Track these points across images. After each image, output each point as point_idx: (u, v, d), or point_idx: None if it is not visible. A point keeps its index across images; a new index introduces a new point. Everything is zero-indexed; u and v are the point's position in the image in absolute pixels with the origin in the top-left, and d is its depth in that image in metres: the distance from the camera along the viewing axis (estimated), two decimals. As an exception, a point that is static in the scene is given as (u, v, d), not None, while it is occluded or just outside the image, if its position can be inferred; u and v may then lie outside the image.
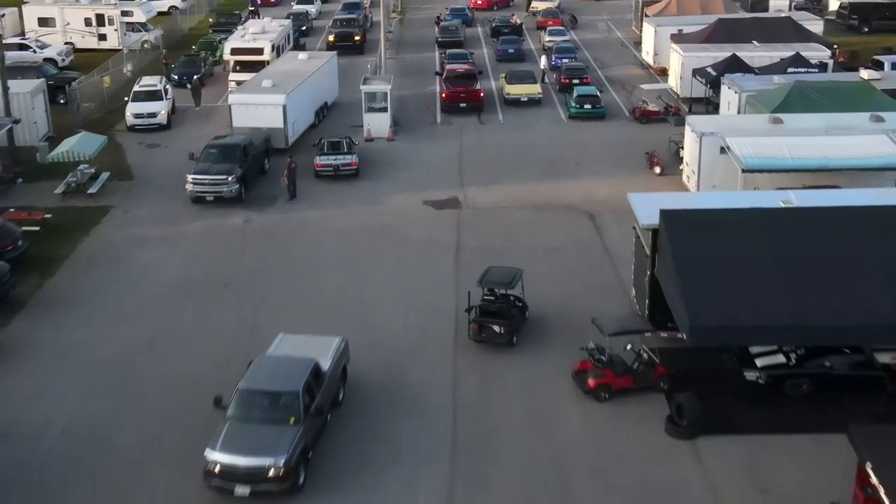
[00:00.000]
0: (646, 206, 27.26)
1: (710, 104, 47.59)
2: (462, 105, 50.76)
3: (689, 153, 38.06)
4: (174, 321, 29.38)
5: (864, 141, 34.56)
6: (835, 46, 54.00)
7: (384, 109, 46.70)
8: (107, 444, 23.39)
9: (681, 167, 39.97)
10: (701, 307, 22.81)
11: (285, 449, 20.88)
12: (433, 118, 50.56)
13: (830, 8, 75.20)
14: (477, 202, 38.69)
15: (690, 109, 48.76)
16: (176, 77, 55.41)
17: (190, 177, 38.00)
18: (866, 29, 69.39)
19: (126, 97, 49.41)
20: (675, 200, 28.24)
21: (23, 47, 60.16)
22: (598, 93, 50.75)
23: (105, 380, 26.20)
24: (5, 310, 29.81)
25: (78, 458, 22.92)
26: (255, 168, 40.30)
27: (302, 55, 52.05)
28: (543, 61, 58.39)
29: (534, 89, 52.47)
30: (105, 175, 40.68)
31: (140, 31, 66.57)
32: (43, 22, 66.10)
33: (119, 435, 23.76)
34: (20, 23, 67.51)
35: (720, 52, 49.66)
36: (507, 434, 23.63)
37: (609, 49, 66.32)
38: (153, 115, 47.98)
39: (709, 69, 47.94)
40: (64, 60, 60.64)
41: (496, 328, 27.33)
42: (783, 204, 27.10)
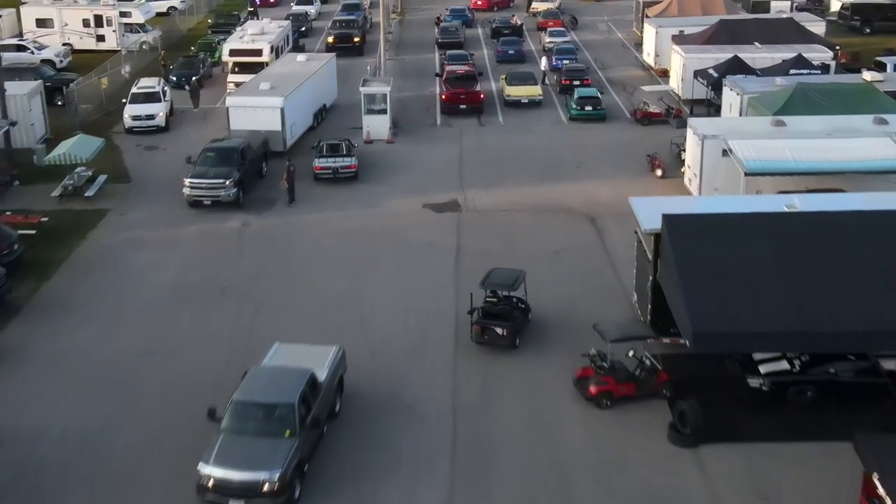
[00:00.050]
0: (648, 211, 27.00)
1: (712, 106, 47.31)
2: (462, 107, 50.50)
3: (691, 156, 37.79)
4: (171, 326, 29.12)
5: (868, 144, 34.31)
6: (837, 48, 53.74)
7: (384, 111, 46.42)
8: (103, 450, 23.15)
9: (682, 170, 39.70)
10: (704, 313, 22.54)
11: (280, 463, 20.50)
12: (433, 120, 50.30)
13: (832, 9, 74.95)
14: (477, 205, 38.43)
15: (692, 111, 48.51)
16: (174, 78, 55.14)
17: (187, 181, 37.68)
18: (868, 30, 69.14)
19: (124, 99, 49.14)
20: (678, 205, 27.91)
21: (21, 48, 59.91)
22: (599, 94, 50.48)
23: (102, 385, 25.95)
24: (1, 314, 29.55)
25: (74, 464, 22.70)
26: (253, 171, 40.02)
27: (301, 57, 51.79)
28: (544, 62, 58.12)
29: (534, 91, 52.20)
30: (102, 178, 40.43)
31: (138, 33, 66.32)
32: (41, 23, 65.80)
33: (116, 440, 23.51)
34: (18, 24, 67.25)
35: (722, 54, 49.42)
36: (508, 441, 23.37)
37: (610, 50, 66.08)
38: (151, 117, 47.68)
39: (710, 71, 47.69)
40: (62, 62, 60.42)
41: (498, 330, 27.14)
42: (787, 208, 26.83)
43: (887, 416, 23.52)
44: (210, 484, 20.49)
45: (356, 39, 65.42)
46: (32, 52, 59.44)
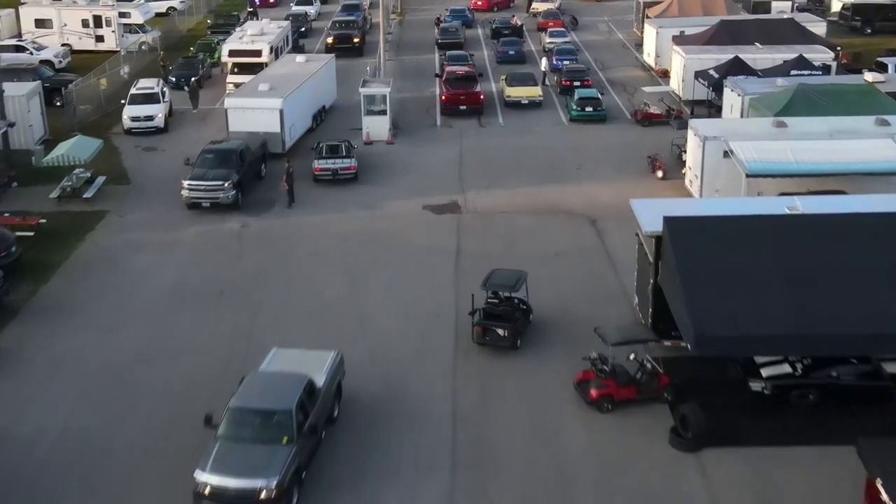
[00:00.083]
0: (649, 213, 26.84)
1: (713, 107, 47.17)
2: (462, 108, 50.34)
3: (692, 157, 37.63)
4: (170, 329, 28.96)
5: (870, 145, 34.17)
6: (838, 48, 53.59)
7: (383, 112, 46.25)
8: (101, 453, 23.01)
9: (683, 171, 39.55)
10: (705, 316, 22.41)
11: (278, 470, 20.26)
12: (433, 121, 50.13)
13: (833, 9, 74.78)
14: (477, 206, 38.27)
15: (692, 112, 48.35)
16: (173, 79, 55.00)
17: (186, 182, 37.49)
18: (869, 30, 68.97)
19: (123, 100, 48.99)
20: (679, 207, 27.73)
21: (19, 49, 59.79)
22: (600, 95, 50.32)
23: (99, 389, 25.79)
24: (-1, 317, 29.46)
25: (72, 467, 22.56)
26: (252, 173, 39.83)
27: (300, 58, 51.61)
28: (544, 63, 57.96)
29: (534, 92, 52.03)
30: (101, 179, 40.28)
31: (138, 33, 66.18)
32: (40, 23, 65.66)
33: (114, 443, 23.37)
34: (17, 24, 67.10)
35: (722, 55, 49.27)
36: (508, 445, 23.21)
37: (610, 51, 65.93)
38: (150, 118, 47.51)
39: (711, 71, 47.54)
40: (61, 62, 60.31)
41: (500, 331, 27.05)
42: (788, 210, 26.68)
43: (890, 420, 23.40)
44: (206, 491, 20.25)
45: (356, 40, 65.25)
46: (31, 53, 59.33)
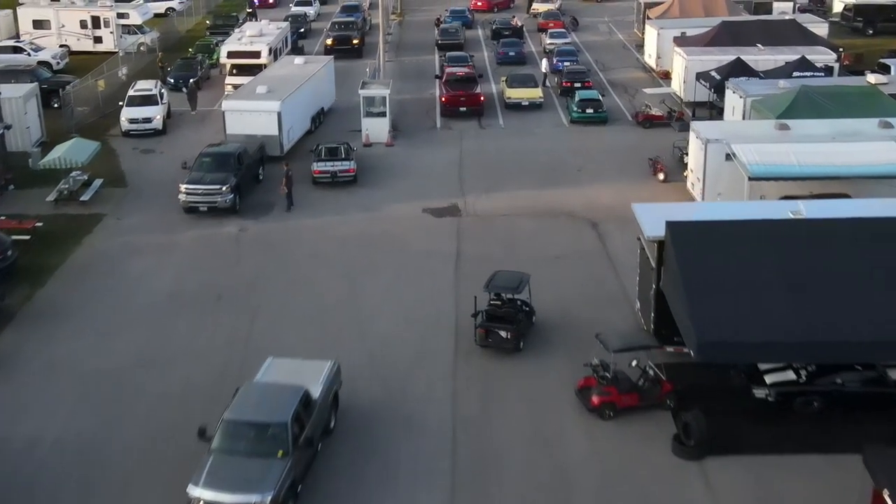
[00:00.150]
0: (651, 217, 26.53)
1: (714, 108, 46.87)
2: (462, 109, 50.05)
3: (694, 160, 37.33)
4: (167, 334, 28.67)
5: (873, 148, 33.81)
6: (840, 49, 53.32)
7: (383, 114, 45.94)
8: (97, 460, 22.72)
9: (685, 174, 39.25)
10: (709, 323, 22.09)
11: (272, 485, 19.87)
12: (433, 123, 49.86)
13: (834, 10, 74.50)
14: (477, 209, 37.99)
15: (694, 114, 48.06)
16: (172, 80, 54.73)
17: (183, 186, 37.13)
18: (871, 31, 68.73)
19: (121, 102, 48.72)
20: (681, 211, 27.48)
21: (17, 50, 59.56)
22: (601, 97, 50.03)
23: (96, 394, 25.51)
24: (-6, 322, 29.19)
25: (67, 474, 22.28)
26: (250, 177, 39.44)
27: (298, 59, 51.27)
28: (544, 64, 57.67)
29: (535, 93, 51.74)
30: (98, 182, 40.01)
31: (136, 34, 65.92)
32: (38, 24, 65.38)
33: (110, 450, 23.08)
34: (15, 25, 66.83)
35: (724, 56, 48.98)
36: (509, 453, 22.92)
37: (611, 52, 65.65)
38: (148, 121, 47.22)
39: (713, 73, 47.25)
40: (59, 63, 60.03)
41: (502, 333, 26.86)
42: (792, 215, 26.39)
43: (895, 427, 23.10)
44: None
45: (355, 42, 64.90)
46: (29, 54, 59.07)
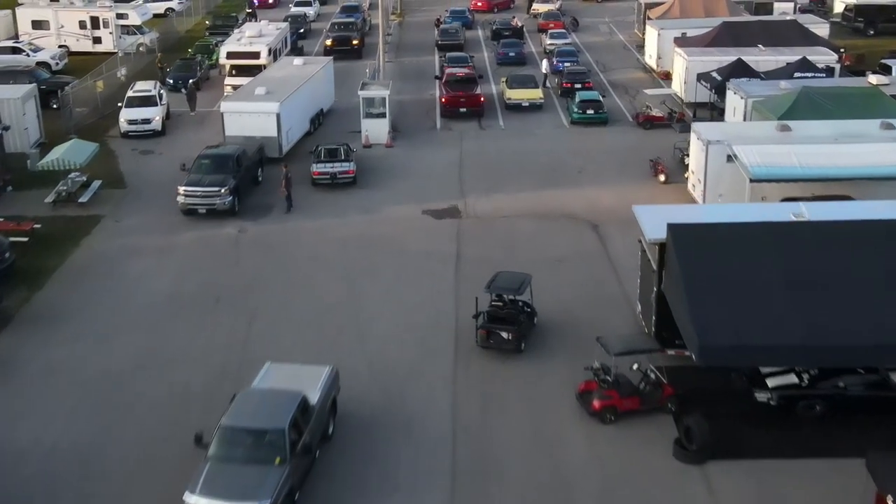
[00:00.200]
0: (652, 220, 26.34)
1: (715, 109, 46.72)
2: (462, 110, 49.89)
3: (695, 161, 37.16)
4: (166, 337, 28.50)
5: (875, 149, 33.63)
6: (841, 50, 53.15)
7: (382, 115, 45.78)
8: (95, 466, 22.54)
9: (686, 175, 39.08)
10: (710, 326, 21.94)
11: (270, 492, 19.65)
12: (433, 124, 49.69)
13: (835, 10, 74.33)
14: (477, 211, 37.82)
15: (695, 115, 47.90)
16: (171, 81, 54.58)
17: (181, 189, 36.92)
18: (872, 31, 68.59)
19: (120, 103, 48.56)
20: (683, 213, 27.33)
21: (16, 50, 59.41)
22: (601, 98, 49.87)
23: (94, 398, 25.33)
24: (-9, 324, 29.04)
25: (64, 480, 22.09)
26: (249, 178, 39.22)
27: (297, 60, 51.09)
28: (545, 65, 57.51)
29: (535, 94, 51.59)
30: (97, 183, 39.84)
31: (135, 35, 65.75)
32: (37, 25, 65.19)
33: (108, 456, 22.90)
34: (14, 25, 66.66)
35: (725, 57, 48.82)
36: (510, 458, 22.76)
37: (611, 52, 65.48)
38: (147, 122, 47.06)
39: (714, 74, 47.08)
40: (58, 64, 59.88)
41: (504, 334, 26.77)
42: (794, 217, 26.21)
43: (898, 432, 23.00)
44: None
45: (355, 42, 64.66)
46: (28, 55, 58.91)
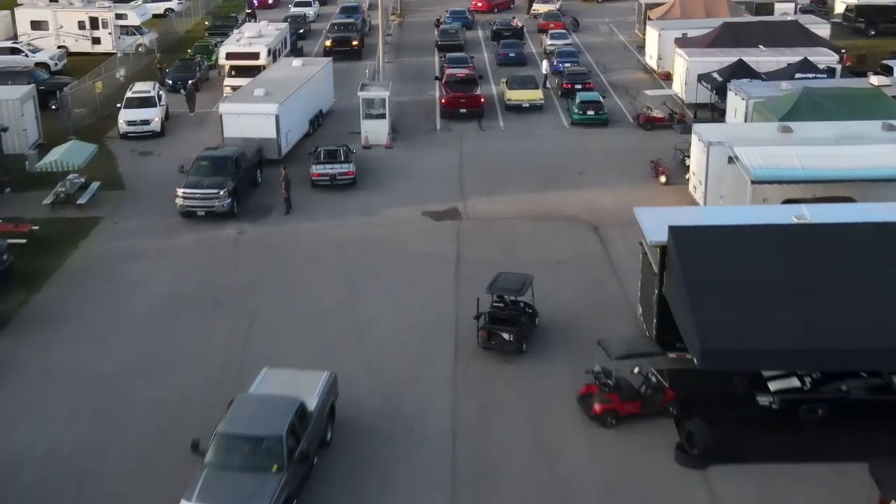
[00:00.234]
0: (653, 222, 26.22)
1: (716, 110, 46.55)
2: (462, 111, 49.74)
3: (696, 163, 36.98)
4: (164, 339, 28.35)
5: (877, 151, 33.49)
6: (842, 50, 52.98)
7: (382, 116, 45.61)
8: (92, 474, 22.33)
9: (687, 176, 38.91)
10: (712, 330, 21.80)
11: (267, 500, 19.40)
12: (433, 125, 49.53)
13: (836, 11, 74.17)
14: (477, 213, 37.66)
15: (696, 116, 47.74)
16: (170, 82, 54.42)
17: (180, 191, 36.71)
18: (873, 32, 68.42)
19: (119, 103, 48.39)
20: (684, 215, 27.17)
21: (15, 51, 59.24)
22: (602, 98, 49.71)
23: (92, 402, 25.17)
24: (-11, 327, 28.88)
25: (61, 486, 21.91)
26: (248, 180, 39.00)
27: (296, 61, 50.91)
28: (545, 66, 57.34)
29: (535, 95, 51.42)
30: (95, 185, 39.66)
31: (134, 35, 65.58)
32: (36, 25, 65.01)
33: (104, 463, 22.70)
34: (13, 26, 66.49)
35: (726, 57, 48.64)
36: (510, 462, 22.61)
37: (612, 53, 65.29)
38: (146, 123, 46.89)
39: (714, 74, 46.92)
40: (57, 65, 59.71)
41: (505, 335, 26.68)
42: (796, 219, 26.06)
43: (901, 436, 22.83)
44: None
45: (354, 43, 64.41)
46: (27, 55, 58.74)
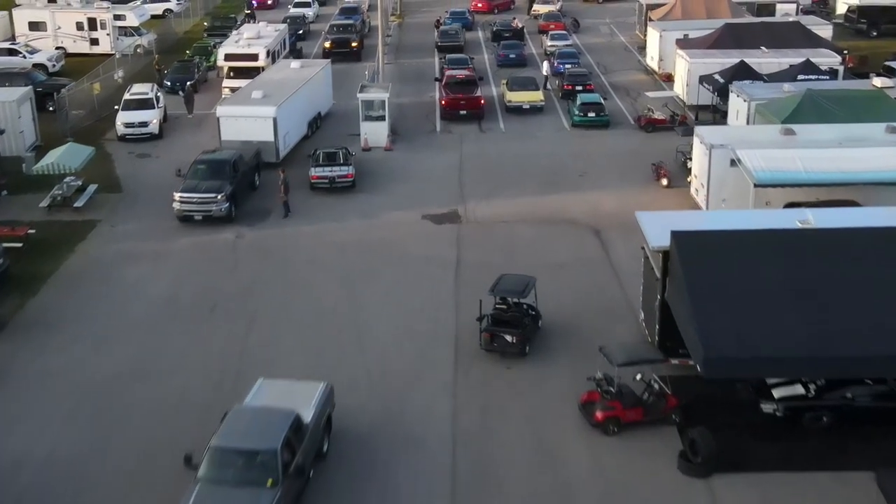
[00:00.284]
0: (656, 226, 25.92)
1: (718, 112, 46.24)
2: (462, 112, 49.47)
3: (698, 165, 36.70)
4: (162, 343, 28.11)
5: (881, 153, 33.22)
6: (844, 52, 52.70)
7: (382, 118, 45.33)
8: (87, 482, 22.05)
9: (689, 179, 38.62)
10: (716, 337, 21.51)
11: None
12: (432, 126, 49.25)
13: (838, 11, 73.86)
14: (477, 216, 37.39)
15: (697, 118, 47.46)
16: (168, 83, 54.16)
17: (177, 195, 36.34)
18: (875, 33, 68.14)
19: (116, 105, 48.11)
20: (687, 220, 26.89)
21: (12, 52, 58.98)
22: (603, 100, 49.43)
23: (89, 408, 24.92)
24: (-16, 332, 28.62)
25: (58, 491, 21.67)
26: (246, 184, 38.66)
27: (295, 63, 50.62)
28: (546, 67, 57.06)
29: (536, 96, 51.13)
30: (92, 187, 39.38)
31: (133, 36, 65.30)
32: (34, 26, 64.73)
33: (100, 472, 22.42)
34: (10, 27, 66.21)
35: (727, 59, 48.27)
36: (511, 470, 22.34)
37: (613, 54, 64.99)
38: (144, 125, 46.61)
39: (716, 76, 46.60)
40: (55, 66, 59.43)
41: (508, 337, 26.52)
42: (800, 224, 25.79)
43: (907, 444, 22.55)
44: None
45: (354, 44, 64.01)
46: (24, 56, 58.48)
